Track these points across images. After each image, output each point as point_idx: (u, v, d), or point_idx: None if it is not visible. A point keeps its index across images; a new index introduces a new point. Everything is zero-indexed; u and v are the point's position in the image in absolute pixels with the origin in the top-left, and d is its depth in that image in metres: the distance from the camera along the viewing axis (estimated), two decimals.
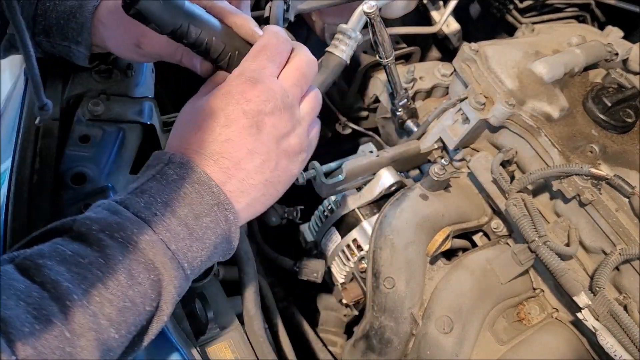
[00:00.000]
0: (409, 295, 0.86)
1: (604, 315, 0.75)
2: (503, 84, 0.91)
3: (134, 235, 0.50)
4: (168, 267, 0.51)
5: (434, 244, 0.87)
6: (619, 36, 1.09)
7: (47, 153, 0.82)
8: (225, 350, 0.75)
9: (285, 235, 1.15)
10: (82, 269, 0.47)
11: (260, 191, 0.59)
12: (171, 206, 0.52)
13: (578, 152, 0.87)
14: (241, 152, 0.57)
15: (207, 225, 0.54)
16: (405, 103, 1.05)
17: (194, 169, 0.55)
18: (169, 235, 0.51)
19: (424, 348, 0.84)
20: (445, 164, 0.92)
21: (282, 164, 0.60)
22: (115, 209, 0.51)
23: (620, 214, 0.81)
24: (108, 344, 0.47)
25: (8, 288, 0.44)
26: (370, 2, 0.88)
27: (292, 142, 0.61)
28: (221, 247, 0.57)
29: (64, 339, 0.44)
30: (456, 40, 1.32)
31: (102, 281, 0.47)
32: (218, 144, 0.56)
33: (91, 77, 0.92)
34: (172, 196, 0.53)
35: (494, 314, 0.86)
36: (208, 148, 0.56)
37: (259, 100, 0.57)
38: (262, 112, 0.57)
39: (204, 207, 0.54)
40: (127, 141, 0.89)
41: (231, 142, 0.56)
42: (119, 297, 0.48)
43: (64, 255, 0.47)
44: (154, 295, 0.50)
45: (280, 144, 0.59)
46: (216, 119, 0.57)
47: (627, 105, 0.93)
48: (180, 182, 0.54)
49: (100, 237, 0.49)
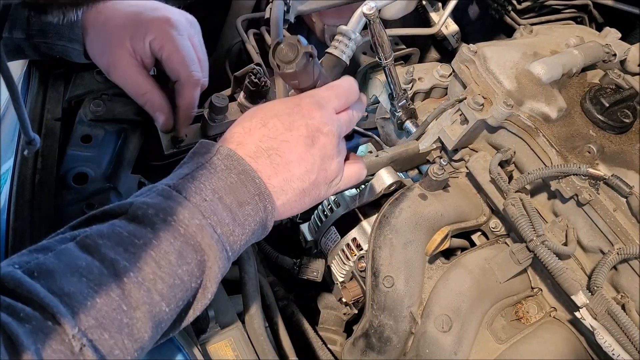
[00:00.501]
0: (408, 294, 0.87)
1: (601, 315, 0.76)
2: (501, 85, 0.91)
3: (185, 219, 0.54)
4: (214, 249, 0.55)
5: (433, 243, 0.87)
6: (617, 37, 1.09)
7: (49, 153, 0.83)
8: (226, 349, 0.75)
9: (285, 235, 1.16)
10: (137, 249, 0.51)
11: (295, 196, 0.65)
12: (219, 193, 0.57)
13: (576, 153, 0.88)
14: (293, 156, 0.63)
15: (248, 213, 0.59)
16: (404, 104, 1.05)
17: (239, 161, 0.60)
18: (216, 219, 0.56)
19: (423, 346, 0.84)
20: (444, 164, 0.93)
21: (318, 181, 0.66)
22: (169, 194, 0.56)
23: (618, 213, 0.81)
24: (160, 317, 0.52)
25: (71, 265, 0.48)
26: (369, 4, 0.89)
27: (333, 166, 0.67)
28: (257, 232, 0.62)
29: (121, 311, 0.48)
30: (455, 41, 1.33)
31: (156, 260, 0.52)
32: (277, 141, 0.63)
33: (93, 78, 0.93)
34: (219, 184, 0.58)
35: (493, 312, 0.87)
36: (267, 142, 0.62)
37: (320, 120, 0.65)
38: (320, 130, 0.65)
39: (247, 196, 0.59)
40: (129, 141, 0.89)
41: (288, 144, 0.63)
42: (170, 275, 0.52)
43: (121, 236, 0.52)
44: (199, 273, 0.55)
45: (324, 162, 0.66)
46: (282, 122, 0.63)
47: (624, 105, 0.94)
48: (227, 172, 0.59)
49: (155, 220, 0.53)
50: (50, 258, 0.49)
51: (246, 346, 0.76)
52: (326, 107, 0.66)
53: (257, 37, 1.17)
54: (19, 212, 0.75)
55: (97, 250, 0.50)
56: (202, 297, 0.57)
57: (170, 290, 0.52)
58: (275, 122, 0.63)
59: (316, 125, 0.64)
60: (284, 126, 0.63)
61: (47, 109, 0.87)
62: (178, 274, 0.53)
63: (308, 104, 0.65)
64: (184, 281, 0.53)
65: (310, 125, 0.64)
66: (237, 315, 0.79)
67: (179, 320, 0.57)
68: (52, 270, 0.48)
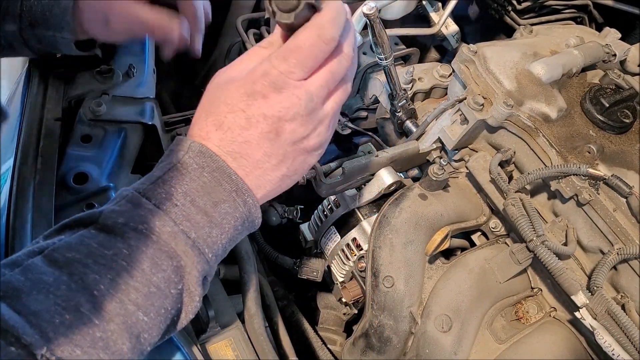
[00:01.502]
0: (408, 294, 0.87)
1: (601, 315, 0.76)
2: (501, 85, 0.91)
3: (156, 227, 0.52)
4: (189, 254, 0.54)
5: (433, 243, 0.87)
6: (617, 37, 1.09)
7: (49, 153, 0.82)
8: (226, 349, 0.75)
9: (285, 235, 1.16)
10: (107, 260, 0.50)
11: (276, 184, 0.61)
12: (191, 196, 0.55)
13: (576, 153, 0.88)
14: (258, 154, 0.58)
15: (225, 211, 0.56)
16: (405, 104, 1.05)
17: (212, 158, 0.57)
18: (189, 225, 0.54)
19: (423, 346, 0.84)
20: (444, 164, 0.93)
21: (299, 160, 0.61)
22: (138, 201, 0.53)
23: (617, 213, 0.81)
24: (138, 327, 0.50)
25: (38, 282, 0.47)
26: (369, 4, 0.89)
27: (312, 142, 0.61)
28: (244, 227, 0.59)
29: (93, 325, 0.47)
30: (455, 41, 1.33)
31: (127, 270, 0.50)
32: (237, 144, 0.58)
33: (93, 78, 0.93)
34: (191, 186, 0.55)
35: (493, 312, 0.87)
36: (227, 147, 0.58)
37: (281, 107, 0.57)
38: (283, 118, 0.57)
39: (223, 194, 0.56)
40: (129, 141, 0.89)
41: (249, 144, 0.58)
42: (144, 283, 0.51)
43: (90, 248, 0.50)
44: (177, 279, 0.53)
45: (298, 145, 0.60)
46: (237, 119, 0.57)
47: (624, 105, 0.94)
48: (199, 172, 0.56)
49: (124, 230, 0.51)
50: (17, 275, 0.48)
51: (246, 346, 0.76)
52: (286, 86, 0.56)
53: (257, 37, 1.17)
54: (19, 212, 0.75)
55: (64, 264, 0.48)
56: (190, 301, 0.56)
57: (146, 299, 0.51)
58: (230, 121, 0.57)
59: (277, 114, 0.57)
60: (240, 125, 0.57)
61: (47, 109, 0.87)
62: (153, 282, 0.51)
63: (263, 88, 0.56)
64: (160, 288, 0.52)
65: (269, 117, 0.56)
66: (237, 315, 0.79)
67: (173, 325, 0.56)
68: (18, 289, 0.46)
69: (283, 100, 0.56)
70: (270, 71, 0.56)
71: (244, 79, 0.58)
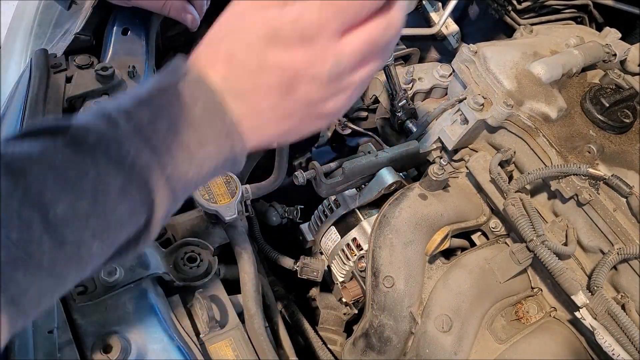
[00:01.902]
0: (408, 294, 0.87)
1: (602, 314, 0.76)
2: (501, 85, 0.91)
3: (130, 155, 0.46)
4: (161, 189, 0.48)
5: (433, 243, 0.87)
6: (617, 37, 1.09)
7: None
8: (226, 349, 0.75)
9: (285, 235, 1.16)
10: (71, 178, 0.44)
11: (273, 138, 0.55)
12: (176, 126, 0.48)
13: (576, 152, 0.88)
14: (263, 104, 0.51)
15: (209, 153, 0.50)
16: (405, 104, 1.05)
17: (207, 92, 0.49)
18: (168, 158, 0.48)
19: (423, 346, 0.84)
20: (444, 164, 0.93)
21: (307, 121, 0.54)
22: (115, 121, 0.46)
23: (618, 213, 0.81)
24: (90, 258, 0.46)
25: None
26: None
27: (327, 108, 0.53)
28: (222, 170, 0.54)
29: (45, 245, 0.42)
30: (455, 41, 1.33)
31: (92, 194, 0.44)
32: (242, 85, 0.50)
33: (93, 78, 0.93)
34: (180, 117, 0.48)
35: (493, 312, 0.87)
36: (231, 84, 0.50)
37: (302, 64, 0.48)
38: (300, 77, 0.49)
39: (211, 134, 0.50)
40: None
41: (256, 91, 0.50)
42: (107, 212, 0.45)
43: (54, 162, 0.44)
44: (141, 213, 0.48)
45: (310, 108, 0.52)
46: (250, 60, 0.49)
47: (625, 105, 0.94)
48: (192, 103, 0.48)
49: (95, 149, 0.45)
50: None
51: (246, 346, 0.76)
52: (315, 40, 0.47)
53: None
54: None
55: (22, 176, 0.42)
56: (147, 238, 0.50)
57: (104, 230, 0.46)
58: (242, 59, 0.49)
59: (295, 68, 0.48)
60: (251, 68, 0.49)
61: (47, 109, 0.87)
62: (117, 211, 0.46)
63: (288, 35, 0.47)
64: (122, 220, 0.47)
65: (286, 71, 0.48)
66: (237, 315, 0.79)
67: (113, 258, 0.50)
68: None
69: (306, 57, 0.48)
70: (302, 17, 0.47)
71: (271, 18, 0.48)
